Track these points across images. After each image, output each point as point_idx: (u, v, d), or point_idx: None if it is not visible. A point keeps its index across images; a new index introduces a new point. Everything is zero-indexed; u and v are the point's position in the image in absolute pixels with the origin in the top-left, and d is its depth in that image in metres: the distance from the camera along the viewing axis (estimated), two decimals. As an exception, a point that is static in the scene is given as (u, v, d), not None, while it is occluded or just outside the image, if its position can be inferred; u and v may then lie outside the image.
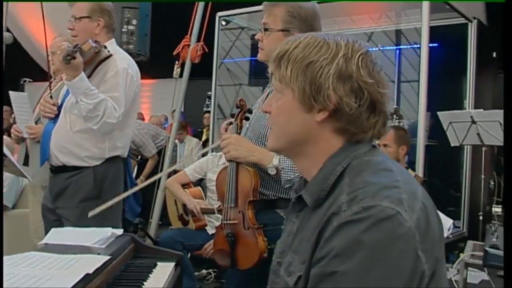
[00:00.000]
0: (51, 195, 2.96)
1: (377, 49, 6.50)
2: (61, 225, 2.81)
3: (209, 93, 10.71)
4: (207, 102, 10.76)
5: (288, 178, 2.17)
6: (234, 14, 6.03)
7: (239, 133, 2.36)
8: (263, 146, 2.24)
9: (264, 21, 2.31)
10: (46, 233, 2.00)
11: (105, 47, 2.83)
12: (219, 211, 3.83)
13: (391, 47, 6.85)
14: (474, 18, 5.45)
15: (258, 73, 7.96)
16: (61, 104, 2.94)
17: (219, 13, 5.91)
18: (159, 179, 4.87)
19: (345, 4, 5.71)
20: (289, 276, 1.18)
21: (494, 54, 6.05)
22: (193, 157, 7.64)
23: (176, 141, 7.95)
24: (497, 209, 6.05)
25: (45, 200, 3.05)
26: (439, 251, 1.09)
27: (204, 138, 9.00)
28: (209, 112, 9.83)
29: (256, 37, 2.35)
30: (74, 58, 2.61)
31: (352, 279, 0.99)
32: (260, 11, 2.39)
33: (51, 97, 2.99)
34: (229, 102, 7.39)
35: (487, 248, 2.97)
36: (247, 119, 2.35)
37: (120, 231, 2.14)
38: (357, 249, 1.00)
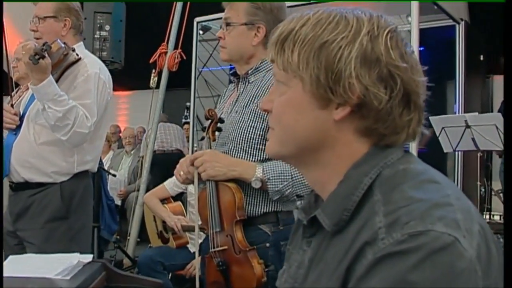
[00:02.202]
0: (11, 216, 2.65)
1: None
2: (23, 250, 2.54)
3: (187, 104, 10.50)
4: (185, 113, 10.53)
5: (277, 189, 1.94)
6: (213, 19, 5.75)
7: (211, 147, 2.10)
8: (243, 153, 2.01)
9: (225, 16, 2.08)
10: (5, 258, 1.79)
11: (73, 50, 2.54)
12: (202, 228, 3.57)
13: None
14: (461, 19, 5.30)
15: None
16: (24, 114, 2.63)
17: (197, 19, 5.64)
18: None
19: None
20: None
21: (482, 57, 5.91)
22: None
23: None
24: (487, 217, 5.87)
25: (4, 222, 2.73)
26: (501, 284, 0.83)
27: (184, 149, 8.75)
28: (188, 123, 9.62)
29: (217, 34, 2.11)
30: (43, 57, 2.31)
31: None
32: None
33: (12, 105, 2.69)
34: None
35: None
36: (220, 130, 2.08)
37: (89, 258, 1.87)
38: None
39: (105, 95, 2.60)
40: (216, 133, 2.09)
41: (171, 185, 4.06)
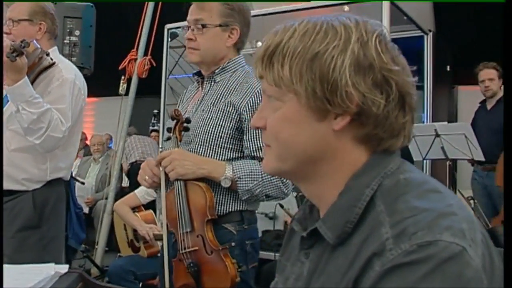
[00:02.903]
0: (-20, 224, 2.55)
1: None
2: (-6, 260, 2.43)
3: (155, 111, 10.40)
4: (153, 121, 10.42)
5: (247, 188, 1.93)
6: (184, 26, 5.73)
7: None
8: (211, 151, 2.00)
9: (197, 17, 2.05)
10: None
11: (48, 54, 2.47)
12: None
13: None
14: (430, 30, 5.40)
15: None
16: (-6, 119, 2.55)
17: (168, 25, 5.59)
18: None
19: (283, 22, 5.53)
20: None
21: (448, 68, 6.03)
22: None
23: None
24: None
25: None
26: None
27: (151, 157, 8.65)
28: (155, 131, 9.53)
29: (186, 36, 2.08)
30: (21, 54, 2.23)
31: None
32: None
33: None
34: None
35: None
36: (187, 129, 2.05)
37: (65, 268, 1.81)
38: None
39: (80, 101, 2.55)
40: (183, 132, 2.06)
41: (142, 193, 4.00)
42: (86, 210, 6.24)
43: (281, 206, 3.55)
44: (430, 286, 0.73)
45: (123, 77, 5.34)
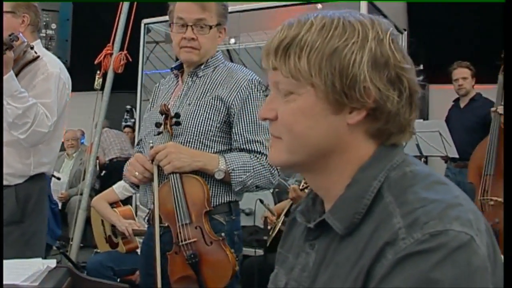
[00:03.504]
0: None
1: None
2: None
3: (128, 106, 10.30)
4: (125, 116, 10.33)
5: (240, 179, 1.99)
6: (161, 22, 5.70)
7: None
8: (200, 145, 2.03)
9: (200, 17, 2.06)
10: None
11: (32, 48, 2.44)
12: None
13: None
14: (404, 29, 5.49)
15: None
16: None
17: (145, 20, 5.57)
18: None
19: (260, 19, 5.57)
20: None
21: (422, 67, 6.12)
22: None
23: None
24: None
25: None
26: (501, 283, 0.87)
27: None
28: (128, 126, 9.45)
29: (187, 36, 2.07)
30: (11, 48, 2.22)
31: None
32: None
33: None
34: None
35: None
36: (178, 124, 2.06)
37: (53, 263, 1.81)
38: None
39: (65, 96, 2.53)
40: (174, 127, 2.08)
41: (120, 188, 3.99)
42: (59, 205, 6.17)
43: (261, 201, 3.58)
44: (443, 274, 0.76)
45: (98, 72, 5.28)
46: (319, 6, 5.65)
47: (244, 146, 2.05)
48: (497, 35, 5.98)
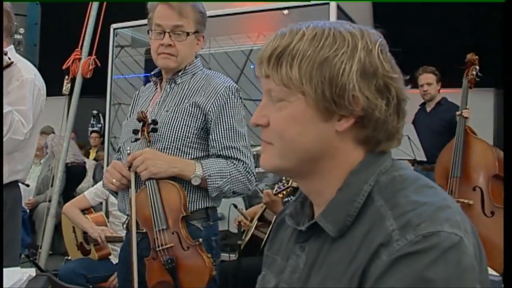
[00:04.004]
0: None
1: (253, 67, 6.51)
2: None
3: (94, 111, 10.19)
4: (92, 122, 10.23)
5: (217, 185, 2.01)
6: (130, 26, 5.67)
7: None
8: (177, 151, 2.05)
9: (177, 24, 2.08)
10: None
11: (6, 54, 2.41)
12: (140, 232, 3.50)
13: None
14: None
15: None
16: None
17: (114, 25, 5.52)
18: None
19: (224, 24, 5.59)
20: None
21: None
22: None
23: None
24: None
25: None
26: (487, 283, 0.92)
27: (91, 158, 8.48)
28: (95, 131, 9.35)
29: (164, 42, 2.09)
30: None
31: None
32: None
33: None
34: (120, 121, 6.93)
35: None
36: (155, 130, 2.08)
37: (32, 271, 1.80)
38: None
39: (40, 102, 2.50)
40: (151, 133, 2.09)
41: (92, 195, 3.94)
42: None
43: (235, 206, 3.60)
44: (436, 273, 0.80)
45: (66, 77, 5.22)
46: (286, 12, 5.72)
47: (221, 153, 2.07)
48: (462, 40, 6.16)
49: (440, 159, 4.54)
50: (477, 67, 4.63)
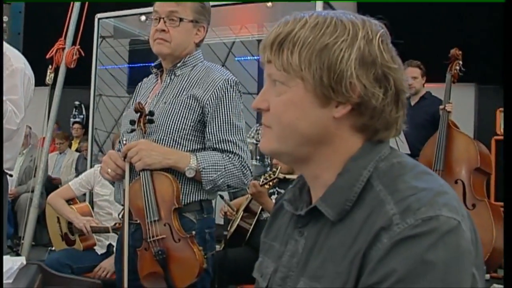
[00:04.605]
0: None
1: (237, 59, 6.51)
2: None
3: (76, 102, 10.10)
4: (74, 112, 10.13)
5: (211, 178, 2.01)
6: (115, 17, 5.63)
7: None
8: (174, 143, 2.05)
9: (172, 9, 2.09)
10: None
11: None
12: (115, 229, 3.50)
13: (253, 58, 6.82)
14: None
15: (135, 82, 7.56)
16: None
17: (98, 15, 5.48)
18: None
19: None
20: None
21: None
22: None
23: (56, 152, 7.42)
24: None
25: None
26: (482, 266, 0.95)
27: (73, 149, 8.42)
28: (78, 122, 9.28)
29: (158, 27, 2.10)
30: None
31: None
32: (142, 14, 2.18)
33: None
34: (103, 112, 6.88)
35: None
36: (151, 121, 2.09)
37: (23, 260, 1.80)
38: (425, 271, 0.83)
39: (30, 91, 2.49)
40: (147, 124, 2.10)
41: (76, 185, 3.92)
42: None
43: (222, 197, 3.61)
44: (436, 255, 0.83)
45: (50, 67, 5.17)
46: (269, 4, 5.72)
47: (217, 146, 2.06)
48: (446, 35, 6.22)
49: (423, 152, 4.61)
50: (461, 62, 4.70)
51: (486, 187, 4.68)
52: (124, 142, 2.09)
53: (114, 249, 2.66)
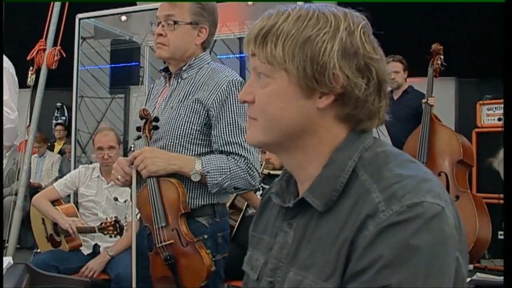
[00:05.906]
0: None
1: (219, 57, 6.52)
2: None
3: (58, 104, 10.01)
4: (56, 114, 10.04)
5: (216, 182, 2.00)
6: (96, 16, 5.60)
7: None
8: (181, 148, 2.06)
9: (168, 13, 2.09)
10: None
11: None
12: (101, 229, 3.48)
13: (234, 56, 6.86)
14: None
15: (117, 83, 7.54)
16: None
17: (79, 15, 5.44)
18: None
19: None
20: None
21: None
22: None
23: (35, 155, 7.35)
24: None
25: None
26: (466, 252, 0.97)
27: (56, 151, 8.35)
28: (60, 124, 9.19)
29: (156, 31, 2.11)
30: None
31: None
32: (123, 13, 2.19)
33: None
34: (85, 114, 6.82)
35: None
36: (156, 128, 2.11)
37: (8, 259, 1.79)
38: (410, 256, 0.84)
39: (16, 90, 2.48)
40: (153, 131, 2.12)
41: (61, 186, 3.90)
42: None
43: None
44: (421, 240, 0.85)
45: (31, 68, 5.12)
46: (250, 3, 5.73)
47: (223, 148, 2.06)
48: (428, 30, 6.27)
49: (406, 146, 4.66)
50: (442, 57, 4.76)
51: (468, 179, 4.75)
52: (132, 148, 2.11)
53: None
